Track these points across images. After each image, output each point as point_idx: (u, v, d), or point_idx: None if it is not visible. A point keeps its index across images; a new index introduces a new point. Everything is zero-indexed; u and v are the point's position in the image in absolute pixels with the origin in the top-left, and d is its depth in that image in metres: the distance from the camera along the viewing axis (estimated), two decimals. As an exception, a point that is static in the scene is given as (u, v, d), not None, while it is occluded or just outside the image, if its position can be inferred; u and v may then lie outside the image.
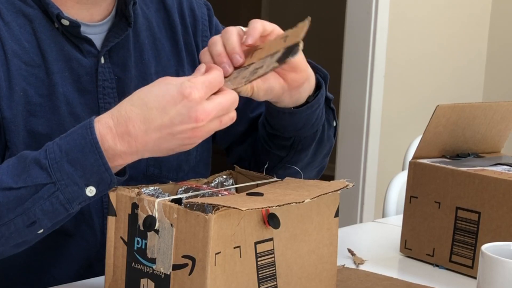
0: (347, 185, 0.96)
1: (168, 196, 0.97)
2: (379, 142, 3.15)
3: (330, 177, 1.08)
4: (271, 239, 0.91)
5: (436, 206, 1.19)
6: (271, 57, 0.96)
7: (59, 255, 1.15)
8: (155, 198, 0.89)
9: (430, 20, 3.29)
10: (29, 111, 1.09)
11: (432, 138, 1.21)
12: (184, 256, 0.85)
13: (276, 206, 0.86)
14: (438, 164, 1.19)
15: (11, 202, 0.93)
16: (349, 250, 1.22)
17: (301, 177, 1.04)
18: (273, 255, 0.92)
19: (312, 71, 1.12)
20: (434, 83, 3.36)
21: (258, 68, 0.96)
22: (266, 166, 1.11)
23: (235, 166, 1.09)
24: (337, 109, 3.18)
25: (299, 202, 0.88)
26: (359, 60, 3.09)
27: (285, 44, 0.96)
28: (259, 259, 0.90)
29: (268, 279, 0.91)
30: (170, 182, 1.01)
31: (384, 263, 1.20)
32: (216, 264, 0.84)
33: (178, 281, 0.86)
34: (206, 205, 0.92)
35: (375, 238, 1.39)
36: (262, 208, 0.85)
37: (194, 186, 1.00)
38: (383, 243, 1.31)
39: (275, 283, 0.92)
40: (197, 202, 0.88)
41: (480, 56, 3.53)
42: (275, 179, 1.03)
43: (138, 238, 0.90)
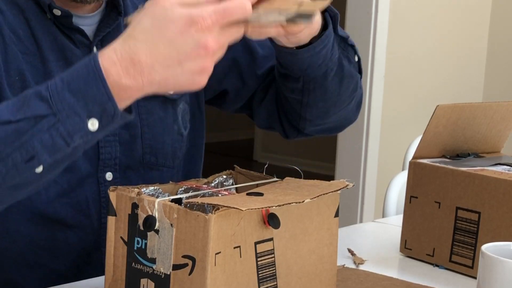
0: (347, 185, 0.96)
1: (168, 196, 0.97)
2: (379, 142, 3.15)
3: (330, 177, 1.09)
4: (271, 239, 0.91)
5: (436, 206, 1.19)
6: (279, 13, 0.92)
7: (57, 246, 1.15)
8: (155, 198, 0.89)
9: (430, 20, 3.29)
10: None
11: (432, 138, 1.21)
12: (184, 256, 0.85)
13: (276, 206, 0.86)
14: (438, 164, 1.19)
15: (9, 136, 0.87)
16: (349, 250, 1.22)
17: (301, 177, 1.04)
18: (273, 255, 0.92)
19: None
20: (434, 83, 3.36)
21: (261, 16, 0.90)
22: (267, 166, 1.11)
23: (235, 166, 1.09)
24: (337, 109, 3.18)
25: (299, 202, 0.88)
26: (359, 60, 3.09)
27: (299, 9, 0.92)
28: (259, 259, 0.90)
29: (268, 279, 0.91)
30: (170, 182, 1.01)
31: (384, 263, 1.20)
32: (216, 264, 0.84)
33: (178, 281, 0.86)
34: (206, 205, 0.92)
35: (375, 238, 1.39)
36: (262, 208, 0.85)
37: (194, 186, 1.00)
38: (383, 243, 1.31)
39: (275, 283, 0.92)
40: (197, 202, 0.88)
41: (480, 56, 3.54)
42: (275, 179, 1.03)
43: (138, 238, 0.90)
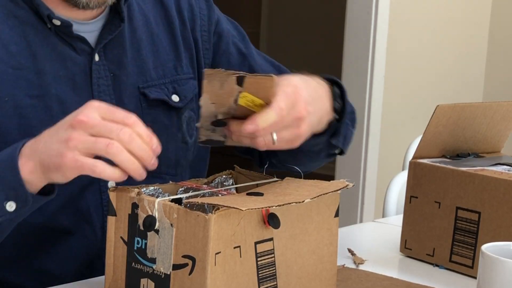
0: (347, 185, 0.96)
1: (168, 196, 0.97)
2: (379, 142, 3.15)
3: (330, 177, 1.08)
4: (271, 239, 0.91)
5: (436, 206, 1.19)
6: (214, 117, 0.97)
7: (60, 253, 1.15)
8: (155, 198, 0.89)
9: (430, 20, 3.29)
10: (21, 114, 1.09)
11: (432, 138, 1.21)
12: (184, 256, 0.85)
13: (276, 206, 0.86)
14: (438, 164, 1.19)
15: None
16: (349, 250, 1.22)
17: (301, 177, 1.04)
18: (273, 255, 0.91)
19: None
20: (434, 83, 3.36)
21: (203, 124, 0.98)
22: (266, 165, 1.11)
23: (235, 166, 1.09)
24: (337, 109, 3.18)
25: (299, 202, 0.88)
26: (359, 60, 3.09)
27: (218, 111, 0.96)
28: (259, 259, 0.90)
29: (268, 279, 0.91)
30: (170, 182, 1.01)
31: (384, 263, 1.20)
32: (216, 264, 0.84)
33: (178, 281, 0.86)
34: (206, 205, 0.92)
35: (375, 238, 1.39)
36: (262, 208, 0.85)
37: (194, 186, 1.00)
38: (383, 243, 1.31)
39: (275, 283, 0.92)
40: (197, 202, 0.88)
41: (480, 56, 3.53)
42: (275, 179, 1.03)
43: (138, 238, 0.89)
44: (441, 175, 1.17)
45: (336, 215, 0.99)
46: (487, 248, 0.85)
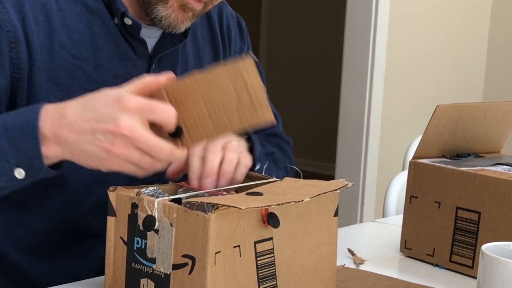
0: (346, 184, 0.96)
1: (168, 196, 0.97)
2: (379, 142, 3.16)
3: (330, 177, 1.09)
4: (271, 239, 0.91)
5: (436, 206, 1.19)
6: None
7: (84, 253, 1.16)
8: (155, 198, 0.89)
9: (430, 20, 3.29)
10: None
11: (432, 138, 1.21)
12: (184, 256, 0.85)
13: (275, 205, 0.86)
14: (438, 164, 1.19)
15: None
16: (349, 250, 1.22)
17: (300, 177, 1.04)
18: (272, 255, 0.91)
19: None
20: (434, 83, 3.36)
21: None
22: (266, 166, 1.11)
23: None
24: (337, 109, 3.18)
25: (299, 201, 0.88)
26: (359, 60, 3.09)
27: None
28: (258, 259, 0.90)
29: (267, 278, 0.91)
30: (170, 182, 1.01)
31: (384, 263, 1.20)
32: (216, 263, 0.84)
33: (178, 280, 0.86)
34: (205, 205, 0.93)
35: (375, 238, 1.39)
36: (262, 207, 0.85)
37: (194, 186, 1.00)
38: (383, 243, 1.31)
39: (275, 282, 0.92)
40: (197, 202, 0.88)
41: (480, 56, 3.54)
42: (275, 179, 1.03)
43: (138, 238, 0.89)
44: (441, 175, 1.18)
45: (336, 214, 0.99)
46: (487, 248, 0.85)
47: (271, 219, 0.90)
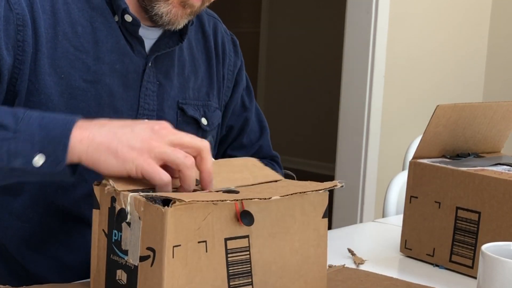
0: (335, 185, 0.96)
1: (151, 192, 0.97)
2: (379, 142, 3.16)
3: (330, 177, 1.08)
4: (246, 236, 0.92)
5: (436, 206, 1.19)
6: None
7: (75, 242, 1.17)
8: (129, 192, 0.90)
9: (430, 20, 3.29)
10: (71, 94, 1.11)
11: (432, 138, 1.21)
12: (148, 248, 0.87)
13: (231, 200, 0.87)
14: (438, 164, 1.19)
15: None
16: (349, 250, 1.22)
17: (294, 179, 1.04)
18: (247, 252, 0.92)
19: None
20: (434, 83, 3.36)
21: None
22: None
23: None
24: (337, 109, 3.18)
25: (265, 199, 0.89)
26: (359, 60, 3.09)
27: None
28: (229, 255, 0.90)
29: (241, 275, 0.91)
30: None
31: (384, 263, 1.20)
32: (175, 257, 0.85)
33: (143, 272, 0.88)
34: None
35: (375, 238, 1.39)
36: (208, 200, 0.86)
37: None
38: (383, 243, 1.31)
39: (250, 280, 0.92)
40: (162, 196, 0.88)
41: (480, 56, 3.54)
42: (275, 180, 1.03)
43: (115, 231, 0.91)
44: (441, 175, 1.18)
45: (325, 216, 0.98)
46: (487, 248, 0.85)
47: (244, 217, 0.90)
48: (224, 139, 1.39)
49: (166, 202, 0.87)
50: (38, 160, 0.91)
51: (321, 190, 0.95)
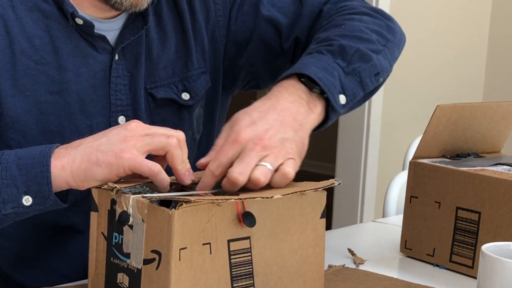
0: (333, 183, 0.96)
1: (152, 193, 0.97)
2: (379, 142, 3.16)
3: (330, 177, 1.08)
4: (248, 238, 0.92)
5: (436, 206, 1.19)
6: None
7: (69, 251, 1.16)
8: (131, 194, 0.90)
9: (430, 20, 3.29)
10: (40, 110, 1.09)
11: (432, 138, 1.21)
12: (153, 251, 0.87)
13: (234, 200, 0.87)
14: (438, 164, 1.19)
15: None
16: (349, 250, 1.22)
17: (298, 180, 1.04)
18: (249, 254, 0.92)
19: None
20: (434, 83, 3.36)
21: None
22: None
23: None
24: (337, 109, 3.18)
25: (267, 198, 0.89)
26: (359, 60, 3.08)
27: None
28: (232, 257, 0.90)
29: (243, 277, 0.91)
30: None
31: (384, 263, 1.20)
32: (181, 259, 0.85)
33: (147, 275, 0.87)
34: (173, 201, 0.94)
35: (375, 238, 1.39)
36: (213, 200, 0.86)
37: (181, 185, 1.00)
38: (383, 243, 1.31)
39: (252, 281, 0.92)
40: (168, 199, 0.89)
41: (480, 56, 3.54)
42: None
43: (116, 234, 0.91)
44: (441, 175, 1.18)
45: (322, 216, 0.98)
46: (487, 248, 0.85)
47: (246, 218, 0.90)
48: (268, 52, 1.26)
49: (165, 204, 0.87)
50: (27, 201, 0.94)
51: (320, 188, 0.95)
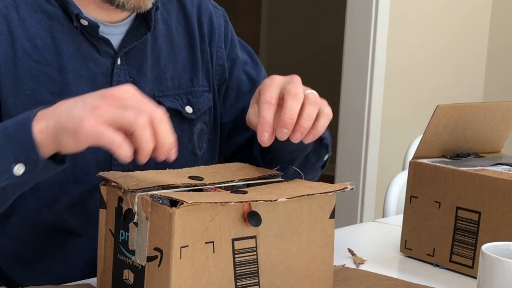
0: (345, 187, 0.95)
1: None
2: (379, 142, 3.15)
3: (330, 177, 1.08)
4: (254, 237, 0.91)
5: (436, 206, 1.19)
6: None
7: (66, 254, 1.16)
8: (136, 192, 0.91)
9: (430, 20, 3.29)
10: None
11: (432, 138, 1.21)
12: (155, 249, 0.87)
13: (236, 202, 0.87)
14: (438, 164, 1.19)
15: None
16: (349, 250, 1.22)
17: (301, 177, 1.03)
18: (255, 253, 0.92)
19: None
20: (434, 83, 3.36)
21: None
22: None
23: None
24: (337, 109, 3.18)
25: (271, 201, 0.89)
26: (359, 60, 3.09)
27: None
28: (237, 256, 0.90)
29: (247, 276, 0.91)
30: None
31: (384, 263, 1.20)
32: (182, 257, 0.86)
33: (150, 272, 0.88)
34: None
35: (375, 238, 1.39)
36: (212, 202, 0.86)
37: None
38: (383, 243, 1.31)
39: (257, 280, 0.92)
40: (170, 197, 0.88)
41: (480, 56, 3.54)
42: (280, 179, 1.03)
43: (122, 231, 0.92)
44: (441, 175, 1.18)
45: (332, 216, 0.98)
46: (487, 248, 0.85)
47: (252, 218, 0.90)
48: (241, 122, 1.30)
49: (174, 202, 0.87)
50: (19, 169, 0.92)
51: (330, 192, 0.95)
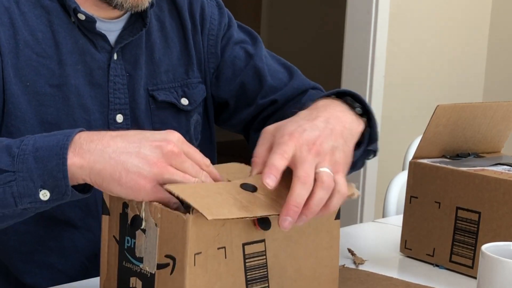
0: (352, 194, 0.95)
1: None
2: (379, 142, 3.15)
3: (330, 177, 1.07)
4: (263, 241, 0.91)
5: (436, 206, 1.19)
6: None
7: (65, 247, 1.17)
8: None
9: (430, 20, 3.29)
10: (39, 101, 1.11)
11: (432, 138, 1.21)
12: (167, 256, 0.86)
13: (256, 217, 0.86)
14: (438, 164, 1.19)
15: None
16: (349, 250, 1.22)
17: None
18: (264, 257, 0.91)
19: None
20: (434, 83, 3.36)
21: None
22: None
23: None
24: (337, 109, 3.18)
25: (278, 215, 0.87)
26: (359, 60, 3.09)
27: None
28: (247, 261, 0.90)
29: (258, 280, 0.91)
30: None
31: (384, 263, 1.20)
32: (196, 264, 0.84)
33: (161, 280, 0.87)
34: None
35: (375, 238, 1.39)
36: (235, 218, 0.84)
37: None
38: (383, 243, 1.31)
39: (267, 284, 0.91)
40: (185, 202, 0.87)
41: (480, 56, 3.53)
42: None
43: (128, 237, 0.90)
44: (441, 175, 1.18)
45: (337, 217, 0.98)
46: (487, 248, 0.85)
47: (262, 222, 0.90)
48: (242, 97, 1.31)
49: (186, 208, 0.86)
50: (45, 195, 0.89)
51: None
